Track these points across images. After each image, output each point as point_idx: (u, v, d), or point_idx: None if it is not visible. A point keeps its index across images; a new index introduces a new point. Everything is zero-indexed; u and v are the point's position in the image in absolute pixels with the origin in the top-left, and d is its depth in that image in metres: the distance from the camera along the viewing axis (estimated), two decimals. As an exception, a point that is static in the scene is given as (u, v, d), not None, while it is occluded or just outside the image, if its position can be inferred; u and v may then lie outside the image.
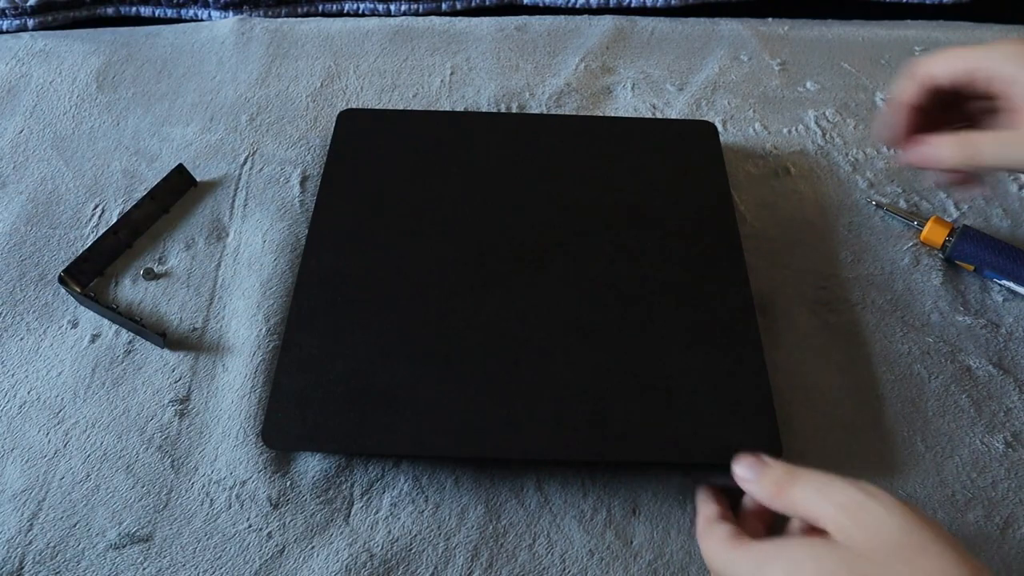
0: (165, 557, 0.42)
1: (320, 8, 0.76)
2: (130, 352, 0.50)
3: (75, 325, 0.51)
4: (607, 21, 0.72)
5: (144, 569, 0.41)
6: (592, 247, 0.51)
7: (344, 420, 0.44)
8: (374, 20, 0.72)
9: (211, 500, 0.44)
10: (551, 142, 0.57)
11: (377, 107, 0.64)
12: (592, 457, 0.44)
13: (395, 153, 0.57)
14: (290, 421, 0.44)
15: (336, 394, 0.44)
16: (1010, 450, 0.46)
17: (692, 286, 0.49)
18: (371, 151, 0.57)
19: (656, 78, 0.67)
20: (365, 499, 0.44)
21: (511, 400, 0.44)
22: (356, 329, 0.47)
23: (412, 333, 0.47)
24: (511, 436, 0.43)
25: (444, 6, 0.75)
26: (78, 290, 0.51)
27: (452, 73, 0.67)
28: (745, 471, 0.37)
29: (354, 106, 0.64)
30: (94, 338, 0.50)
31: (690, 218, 0.53)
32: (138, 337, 0.50)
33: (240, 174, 0.60)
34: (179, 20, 0.75)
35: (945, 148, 0.40)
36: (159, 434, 0.46)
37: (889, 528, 0.31)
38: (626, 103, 0.65)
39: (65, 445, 0.46)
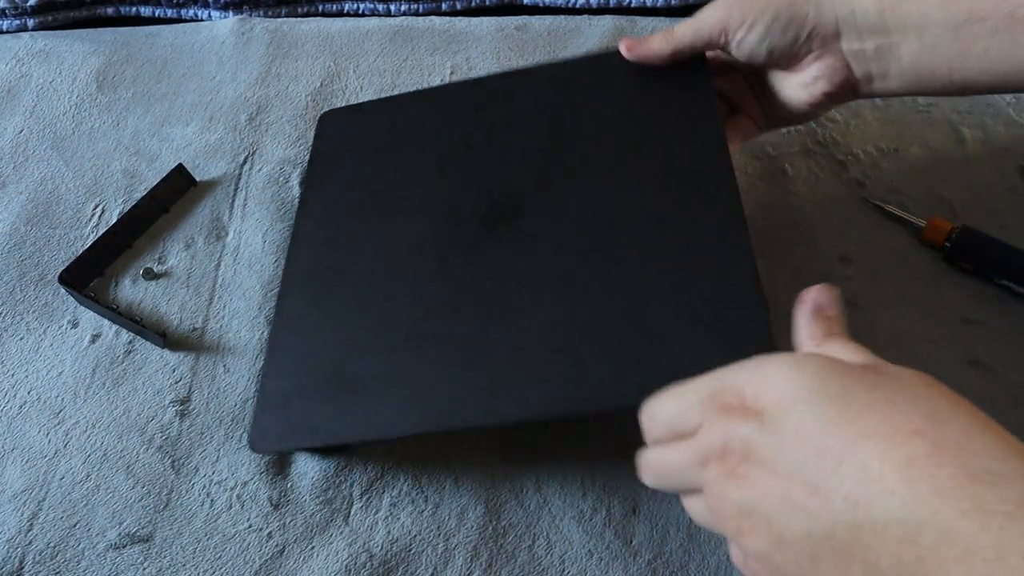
0: (165, 557, 0.42)
1: (320, 8, 0.76)
2: (130, 352, 0.50)
3: (75, 325, 0.51)
4: (607, 21, 0.71)
5: (144, 569, 0.42)
6: (574, 198, 0.47)
7: (320, 413, 0.43)
8: (374, 20, 0.72)
9: (211, 500, 0.44)
10: (531, 98, 0.53)
11: None
12: (570, 410, 0.40)
13: (373, 145, 0.55)
14: (272, 423, 0.44)
15: (314, 390, 0.44)
16: (1009, 450, 0.46)
17: (679, 223, 0.44)
18: (350, 148, 0.56)
19: (656, 78, 0.67)
20: (365, 499, 0.44)
21: (484, 367, 0.42)
22: (335, 325, 0.47)
23: (387, 319, 0.46)
24: (483, 403, 0.41)
25: (444, 6, 0.75)
26: (78, 290, 0.51)
27: (452, 73, 0.67)
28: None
29: (354, 106, 0.64)
30: (94, 338, 0.50)
31: (678, 160, 0.47)
32: (138, 337, 0.51)
33: (240, 174, 0.60)
34: (179, 20, 0.75)
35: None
36: (159, 434, 0.46)
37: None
38: (626, 103, 0.65)
39: (65, 445, 0.46)
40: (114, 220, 0.55)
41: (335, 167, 0.55)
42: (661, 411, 0.33)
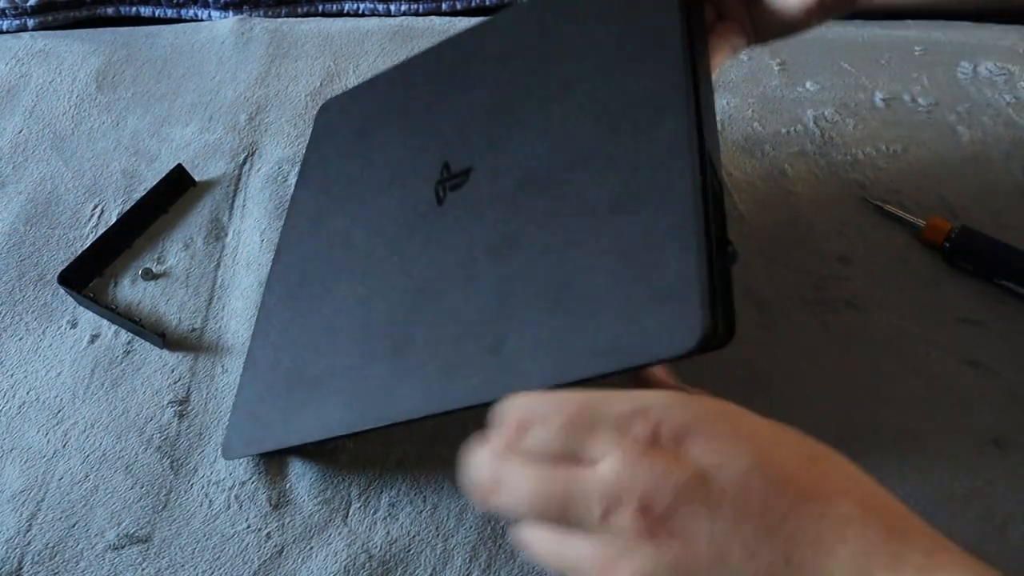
0: (164, 558, 0.42)
1: (320, 8, 0.76)
2: (129, 352, 0.50)
3: (74, 325, 0.51)
4: (607, 21, 0.71)
5: (143, 570, 0.41)
6: (518, 154, 0.42)
7: (277, 416, 0.43)
8: (374, 20, 0.72)
9: (210, 501, 0.44)
10: (497, 47, 0.48)
11: None
12: (490, 397, 0.34)
13: (353, 135, 0.54)
14: (242, 429, 0.44)
15: (275, 392, 0.44)
16: (1005, 451, 0.46)
17: (623, 170, 0.38)
18: (334, 141, 0.55)
19: (656, 78, 0.67)
20: (363, 499, 0.44)
21: (417, 356, 0.39)
22: (300, 325, 0.46)
23: (342, 313, 0.45)
24: (416, 395, 0.38)
25: (444, 6, 0.75)
26: (77, 290, 0.51)
27: (451, 73, 0.67)
28: None
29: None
30: (93, 338, 0.50)
31: (632, 91, 0.40)
32: (137, 337, 0.50)
33: (239, 174, 0.60)
34: (179, 20, 0.75)
35: None
36: (158, 435, 0.46)
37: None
38: (625, 103, 0.65)
39: (64, 445, 0.46)
40: (113, 220, 0.55)
41: (320, 164, 0.55)
42: (548, 418, 0.28)
